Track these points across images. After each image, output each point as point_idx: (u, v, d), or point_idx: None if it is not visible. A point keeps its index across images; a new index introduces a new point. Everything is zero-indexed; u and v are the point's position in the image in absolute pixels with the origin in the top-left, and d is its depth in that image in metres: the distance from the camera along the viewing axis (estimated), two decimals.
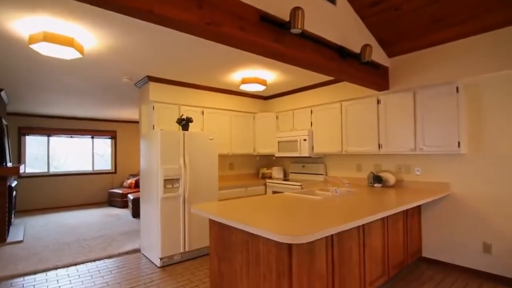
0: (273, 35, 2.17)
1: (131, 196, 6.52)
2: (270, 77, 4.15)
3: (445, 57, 3.13)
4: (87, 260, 3.71)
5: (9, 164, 4.97)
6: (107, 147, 8.58)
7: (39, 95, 5.05)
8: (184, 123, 3.90)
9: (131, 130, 8.89)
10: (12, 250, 4.16)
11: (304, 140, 4.50)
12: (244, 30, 1.99)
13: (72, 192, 7.80)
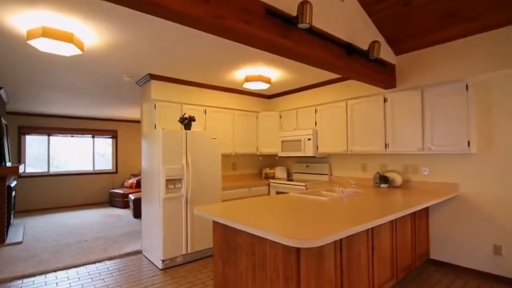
0: (279, 30, 2.10)
1: (132, 196, 6.44)
2: (274, 75, 4.08)
3: (454, 54, 3.05)
4: (88, 262, 3.64)
5: (8, 164, 4.91)
6: (108, 147, 8.51)
7: (39, 93, 4.99)
8: (187, 122, 3.83)
9: (133, 129, 8.83)
10: (11, 251, 4.09)
11: (309, 139, 4.42)
12: (249, 23, 1.92)
13: (73, 192, 7.74)
